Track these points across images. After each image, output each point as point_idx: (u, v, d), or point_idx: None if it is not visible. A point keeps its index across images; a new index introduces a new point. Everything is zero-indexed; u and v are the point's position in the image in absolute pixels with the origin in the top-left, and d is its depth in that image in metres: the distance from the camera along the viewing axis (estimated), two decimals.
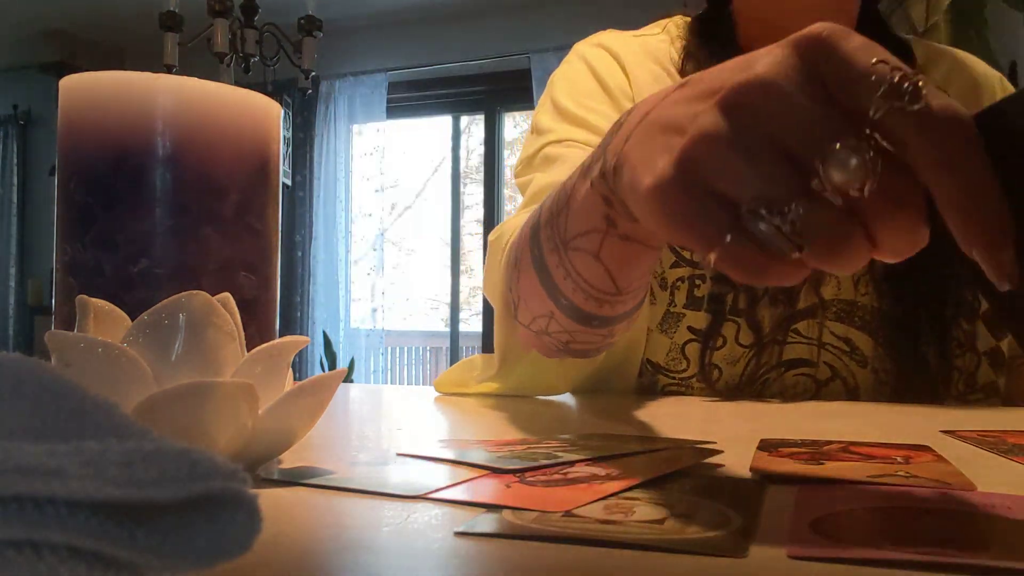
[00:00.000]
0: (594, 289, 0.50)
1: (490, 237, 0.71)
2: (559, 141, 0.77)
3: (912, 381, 0.75)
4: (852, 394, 0.76)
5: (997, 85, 0.88)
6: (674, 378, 0.77)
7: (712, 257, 0.30)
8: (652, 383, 0.78)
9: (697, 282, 0.78)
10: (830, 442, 0.45)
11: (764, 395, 0.76)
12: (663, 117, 0.34)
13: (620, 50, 0.83)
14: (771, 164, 0.29)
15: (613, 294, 0.51)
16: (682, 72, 0.82)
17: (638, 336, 0.78)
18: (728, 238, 0.30)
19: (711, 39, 0.82)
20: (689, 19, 0.86)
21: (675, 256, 0.79)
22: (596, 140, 0.70)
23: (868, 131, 0.28)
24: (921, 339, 0.75)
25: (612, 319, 0.54)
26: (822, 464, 0.39)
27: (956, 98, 0.91)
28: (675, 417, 0.60)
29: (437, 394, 0.75)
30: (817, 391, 0.76)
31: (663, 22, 0.88)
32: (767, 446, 0.44)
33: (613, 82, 0.80)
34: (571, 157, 0.72)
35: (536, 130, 0.81)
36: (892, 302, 0.76)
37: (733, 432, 0.51)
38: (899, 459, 0.40)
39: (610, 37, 0.87)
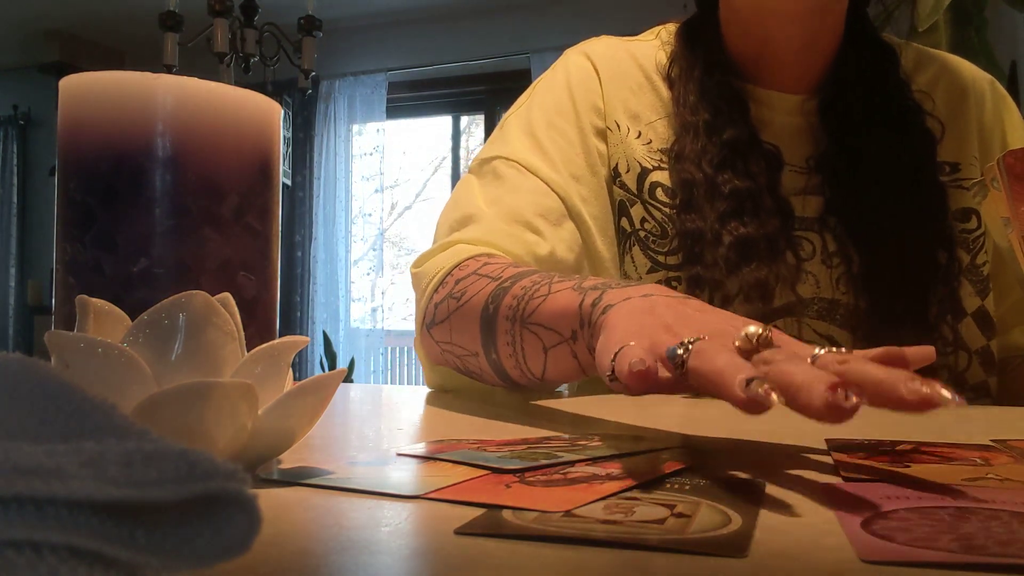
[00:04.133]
0: (527, 369, 0.64)
1: (413, 269, 0.78)
2: (511, 160, 0.80)
3: None
4: None
5: (987, 89, 0.89)
6: None
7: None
8: None
9: (673, 284, 0.78)
10: (898, 442, 0.45)
11: None
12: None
13: (604, 61, 0.86)
14: None
15: (537, 379, 0.64)
16: (667, 76, 0.84)
17: None
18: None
19: (696, 44, 0.84)
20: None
21: (651, 262, 0.79)
22: (544, 168, 0.78)
23: None
24: (901, 336, 0.76)
25: (523, 388, 0.67)
26: (908, 467, 0.38)
27: (942, 101, 0.93)
28: (676, 417, 0.60)
29: (437, 394, 0.75)
30: None
31: (657, 29, 0.90)
32: (837, 447, 0.43)
33: (584, 101, 0.83)
34: (513, 181, 0.79)
35: (504, 130, 0.85)
36: (870, 300, 0.76)
37: (734, 432, 0.51)
38: (979, 460, 0.39)
39: (598, 45, 0.89)
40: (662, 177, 0.81)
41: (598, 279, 0.58)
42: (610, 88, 0.84)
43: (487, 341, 0.64)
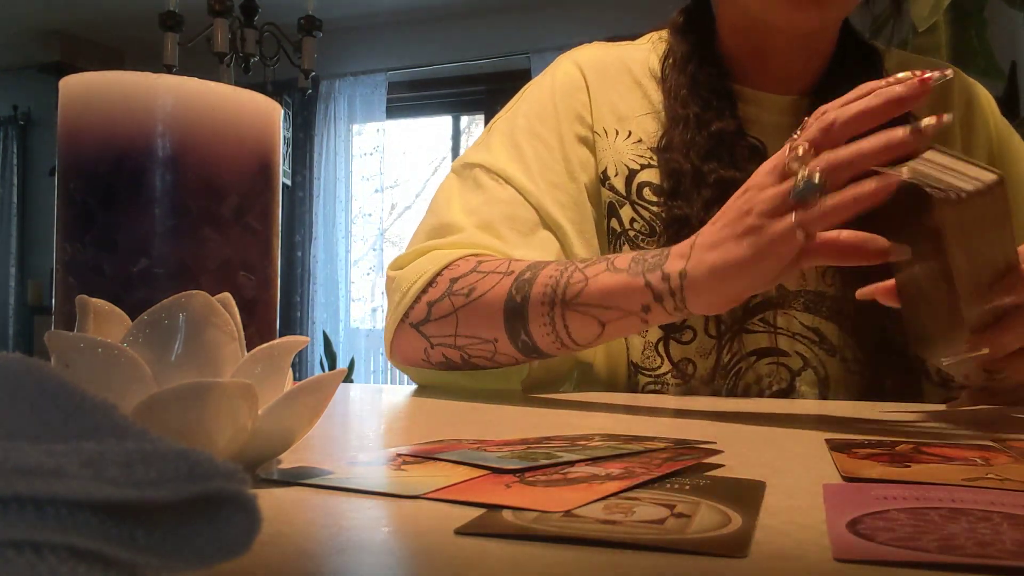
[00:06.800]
0: (570, 341, 0.68)
1: (390, 271, 0.81)
2: (491, 171, 0.83)
3: (883, 370, 0.76)
4: (823, 383, 0.78)
5: (981, 94, 0.90)
6: (650, 376, 0.79)
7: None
8: (635, 383, 0.80)
9: None
10: (898, 442, 0.45)
11: (738, 385, 0.77)
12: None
13: (592, 68, 0.88)
14: None
15: (581, 346, 0.69)
16: (661, 68, 0.87)
17: (624, 339, 0.80)
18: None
19: (691, 38, 0.86)
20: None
21: None
22: (521, 179, 0.81)
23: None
24: (888, 327, 0.76)
25: (551, 357, 0.72)
26: (908, 467, 0.38)
27: (927, 100, 0.96)
28: (675, 417, 0.60)
29: (436, 394, 0.75)
30: (792, 380, 0.77)
31: (651, 34, 0.93)
32: (837, 447, 0.43)
33: (567, 110, 0.86)
34: (491, 193, 0.82)
35: (490, 135, 0.87)
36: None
37: (733, 432, 0.51)
38: (979, 460, 0.39)
39: (589, 52, 0.91)
40: (650, 176, 0.83)
41: (624, 256, 0.65)
42: (599, 95, 0.87)
43: (514, 327, 0.69)
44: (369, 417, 0.65)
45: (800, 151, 0.54)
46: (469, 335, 0.72)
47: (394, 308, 0.78)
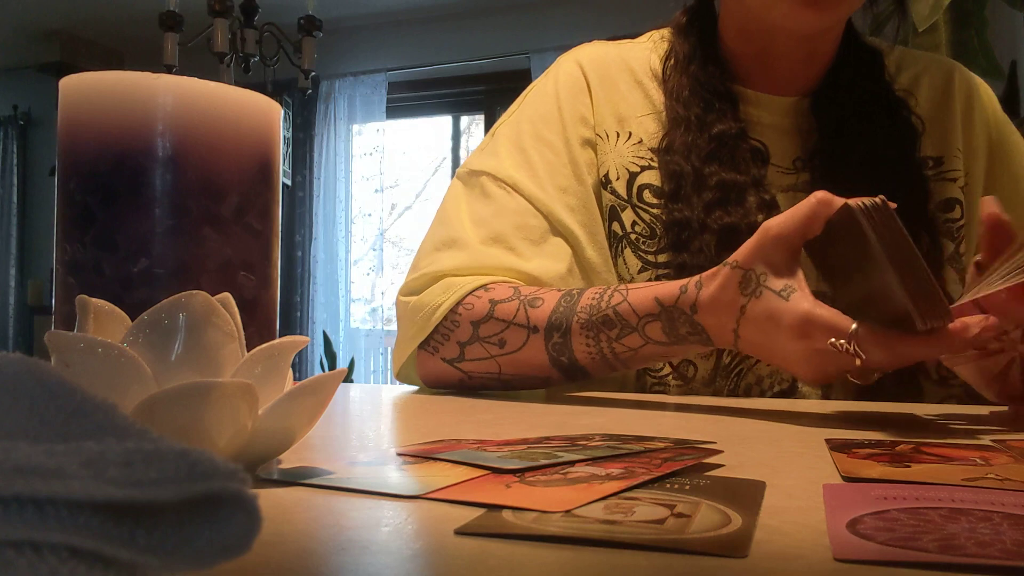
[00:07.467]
0: (627, 369, 0.73)
1: (402, 297, 0.81)
2: (499, 179, 0.83)
3: None
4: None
5: (982, 88, 0.91)
6: (654, 378, 0.80)
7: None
8: (643, 384, 0.80)
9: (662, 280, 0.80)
10: (898, 442, 0.45)
11: (739, 386, 0.77)
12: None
13: (594, 67, 0.88)
14: None
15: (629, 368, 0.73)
16: (663, 68, 0.87)
17: None
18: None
19: (694, 38, 0.86)
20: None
21: (641, 262, 0.82)
22: (529, 186, 0.82)
23: None
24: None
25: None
26: (908, 467, 0.38)
27: (924, 98, 0.98)
28: (675, 417, 0.60)
29: (436, 394, 0.75)
30: (792, 380, 0.77)
31: (652, 33, 0.93)
32: (837, 447, 0.43)
33: (571, 112, 0.86)
34: (499, 203, 0.82)
35: (495, 140, 0.87)
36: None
37: (733, 432, 0.51)
38: (979, 460, 0.39)
39: (590, 51, 0.91)
40: (651, 177, 0.83)
41: (655, 326, 0.67)
42: (600, 95, 0.87)
43: (574, 376, 0.73)
44: (369, 417, 0.65)
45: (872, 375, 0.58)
46: (515, 373, 0.74)
47: (411, 336, 0.78)
